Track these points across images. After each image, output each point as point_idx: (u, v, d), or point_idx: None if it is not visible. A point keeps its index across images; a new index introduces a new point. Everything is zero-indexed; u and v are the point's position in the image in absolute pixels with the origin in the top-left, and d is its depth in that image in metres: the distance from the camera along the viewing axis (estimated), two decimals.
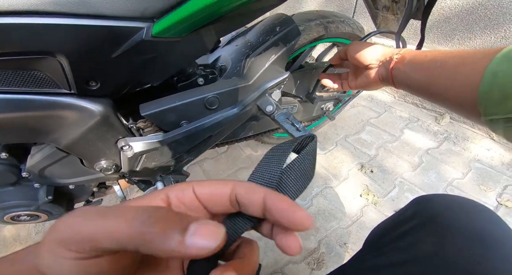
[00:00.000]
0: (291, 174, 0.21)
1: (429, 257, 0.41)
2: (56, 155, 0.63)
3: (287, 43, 0.77)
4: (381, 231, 0.56)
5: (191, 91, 0.70)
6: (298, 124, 0.56)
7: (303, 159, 0.21)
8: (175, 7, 0.47)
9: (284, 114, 0.65)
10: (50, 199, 0.74)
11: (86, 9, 0.43)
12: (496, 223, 0.42)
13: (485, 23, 1.22)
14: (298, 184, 0.21)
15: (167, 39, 0.53)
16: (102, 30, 0.45)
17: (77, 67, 0.49)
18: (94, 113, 0.56)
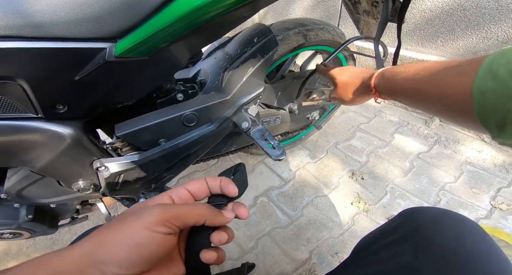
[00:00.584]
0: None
1: (407, 268, 0.40)
2: (32, 177, 0.63)
3: (265, 54, 0.76)
4: (368, 241, 0.56)
5: (168, 109, 0.69)
6: (273, 141, 0.56)
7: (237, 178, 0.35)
8: (136, 27, 0.47)
9: (259, 130, 0.64)
10: (30, 218, 0.73)
11: (40, 31, 0.42)
12: (480, 240, 0.41)
13: (466, 24, 1.22)
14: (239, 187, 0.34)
15: (133, 59, 0.52)
16: (60, 52, 0.45)
17: (39, 91, 0.48)
18: (64, 136, 0.55)
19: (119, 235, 0.26)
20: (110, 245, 0.25)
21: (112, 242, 0.26)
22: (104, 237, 0.26)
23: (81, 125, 0.57)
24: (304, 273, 0.93)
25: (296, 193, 1.20)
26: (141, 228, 0.26)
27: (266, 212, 1.13)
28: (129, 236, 0.25)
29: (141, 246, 0.25)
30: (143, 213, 0.27)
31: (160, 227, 0.26)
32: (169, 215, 0.26)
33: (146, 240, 0.25)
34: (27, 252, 1.04)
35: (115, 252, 0.25)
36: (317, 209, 1.13)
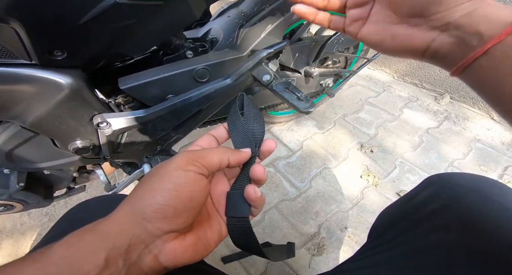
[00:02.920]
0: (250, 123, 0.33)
1: (454, 246, 0.35)
2: (23, 134, 0.55)
3: (285, 12, 0.70)
4: (391, 217, 0.50)
5: (178, 63, 0.63)
6: (299, 93, 0.49)
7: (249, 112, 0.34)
8: None
9: (283, 83, 0.58)
10: (22, 186, 0.67)
11: None
12: None
13: None
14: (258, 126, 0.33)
15: (147, 3, 0.46)
16: None
17: (36, 36, 0.41)
18: (62, 86, 0.48)
19: (155, 183, 0.26)
20: (148, 196, 0.25)
21: (149, 192, 0.25)
22: (141, 191, 0.26)
23: (82, 75, 0.50)
24: (313, 247, 0.91)
25: (304, 164, 1.15)
26: (173, 170, 0.26)
27: (273, 183, 1.08)
28: (165, 180, 0.26)
29: (178, 187, 0.25)
30: (170, 161, 0.27)
31: (190, 166, 0.26)
32: (195, 155, 0.27)
33: (182, 179, 0.26)
34: (22, 229, 0.98)
35: (154, 200, 0.25)
36: (325, 181, 1.09)
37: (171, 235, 0.26)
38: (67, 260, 0.22)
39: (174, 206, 0.25)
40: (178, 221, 0.25)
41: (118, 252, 0.23)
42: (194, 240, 0.28)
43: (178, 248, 0.26)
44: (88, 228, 0.24)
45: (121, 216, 0.25)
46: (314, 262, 0.87)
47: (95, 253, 0.22)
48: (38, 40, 0.42)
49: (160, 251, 0.25)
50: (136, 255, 0.24)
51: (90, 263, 0.22)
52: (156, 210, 0.24)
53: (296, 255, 0.88)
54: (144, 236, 0.25)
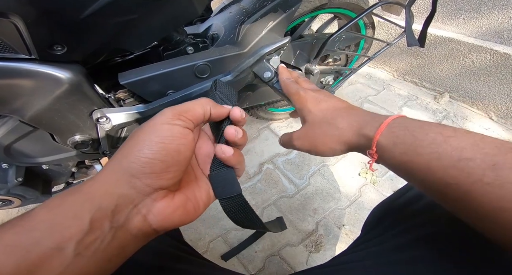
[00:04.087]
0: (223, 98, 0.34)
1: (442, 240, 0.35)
2: (22, 128, 0.55)
3: (287, 9, 0.70)
4: (383, 212, 0.50)
5: (179, 59, 0.63)
6: None
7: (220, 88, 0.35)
8: None
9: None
10: (20, 181, 0.66)
11: None
12: None
13: (494, 3, 1.15)
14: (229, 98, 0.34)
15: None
16: None
17: (36, 31, 0.41)
18: (61, 80, 0.47)
19: (141, 138, 0.25)
20: (135, 150, 0.24)
21: (136, 146, 0.24)
22: (127, 147, 0.25)
23: (81, 70, 0.50)
24: (311, 244, 0.91)
25: (303, 161, 1.15)
26: (159, 124, 0.25)
27: (272, 180, 1.09)
28: (151, 134, 0.25)
29: (165, 140, 0.25)
30: (155, 117, 0.26)
31: (176, 120, 0.26)
32: (179, 110, 0.27)
33: (168, 132, 0.25)
34: None
35: (141, 153, 0.24)
36: (324, 179, 1.09)
37: (160, 193, 0.25)
38: (48, 223, 0.20)
39: (162, 159, 0.24)
40: (166, 176, 0.25)
41: (104, 213, 0.22)
42: (183, 200, 0.27)
43: (168, 208, 0.25)
44: (72, 190, 0.23)
45: (107, 174, 0.24)
46: (311, 258, 0.88)
47: (79, 215, 0.21)
48: (38, 35, 0.42)
49: (149, 210, 0.24)
50: (124, 217, 0.23)
51: (73, 227, 0.20)
52: (144, 165, 0.23)
53: (294, 252, 0.89)
54: (132, 195, 0.23)
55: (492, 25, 1.20)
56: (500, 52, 1.15)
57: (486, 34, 1.23)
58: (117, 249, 0.23)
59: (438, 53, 1.36)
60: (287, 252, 0.89)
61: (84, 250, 0.20)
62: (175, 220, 0.26)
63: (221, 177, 0.30)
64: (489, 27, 1.21)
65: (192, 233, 0.94)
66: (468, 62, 1.28)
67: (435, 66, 1.41)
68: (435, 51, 1.37)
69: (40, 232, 0.20)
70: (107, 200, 0.22)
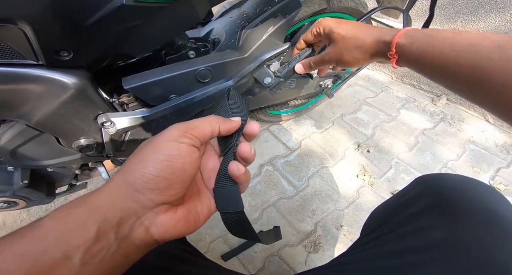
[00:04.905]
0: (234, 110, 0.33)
1: (441, 244, 0.36)
2: (28, 132, 0.56)
3: (287, 14, 0.71)
4: (381, 215, 0.52)
5: (181, 64, 0.64)
6: None
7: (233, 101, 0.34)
8: None
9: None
10: (26, 183, 0.68)
11: None
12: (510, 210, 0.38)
13: (491, 6, 1.17)
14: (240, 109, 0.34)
15: (152, 5, 0.47)
16: None
17: (43, 37, 0.42)
18: (67, 86, 0.49)
19: (147, 154, 0.25)
20: (140, 166, 0.25)
21: (141, 163, 0.25)
22: (132, 162, 0.25)
23: (87, 75, 0.51)
24: (309, 245, 0.93)
25: (302, 163, 1.17)
26: (166, 141, 0.26)
27: (271, 182, 1.10)
28: (157, 151, 0.25)
29: (171, 158, 0.25)
30: (163, 133, 0.27)
31: (183, 138, 0.26)
32: (187, 127, 0.27)
33: (175, 151, 0.25)
34: (21, 226, 0.99)
35: (146, 170, 0.24)
36: (322, 180, 1.11)
37: (163, 207, 0.26)
38: (56, 233, 0.21)
39: (166, 177, 0.25)
40: (170, 193, 0.25)
41: (110, 225, 0.23)
42: (185, 213, 0.28)
43: (170, 221, 0.26)
44: (78, 201, 0.24)
45: (112, 187, 0.25)
46: (310, 259, 0.90)
47: (85, 226, 0.22)
48: (45, 41, 0.43)
49: (151, 223, 0.25)
50: (128, 228, 0.24)
51: (80, 237, 0.21)
52: (148, 181, 0.24)
53: (293, 253, 0.91)
54: (136, 208, 0.24)
55: (489, 28, 1.22)
56: None
57: None
58: (121, 259, 0.24)
59: None
60: (286, 252, 0.91)
61: (90, 259, 0.21)
62: (176, 232, 0.27)
63: (226, 193, 0.31)
64: (487, 30, 1.23)
65: (193, 234, 0.95)
66: None
67: None
68: None
69: (48, 241, 0.20)
70: (112, 212, 0.23)
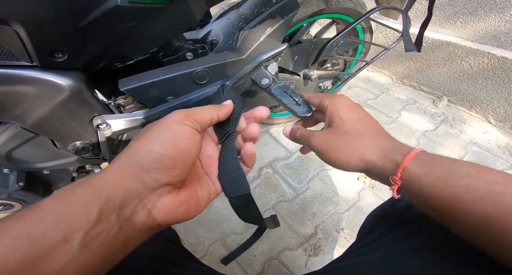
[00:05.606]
0: None
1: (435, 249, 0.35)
2: (23, 135, 0.56)
3: (285, 15, 0.71)
4: (377, 218, 0.50)
5: (178, 65, 0.63)
6: (297, 97, 0.50)
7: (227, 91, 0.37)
8: None
9: (281, 87, 0.58)
10: (21, 185, 0.67)
11: None
12: None
13: (490, 7, 1.16)
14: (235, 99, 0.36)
15: (148, 5, 0.47)
16: None
17: (37, 38, 0.42)
18: (62, 87, 0.48)
19: (153, 134, 0.26)
20: (146, 145, 0.25)
21: (147, 141, 0.26)
22: (139, 141, 0.26)
23: (82, 77, 0.50)
24: (310, 248, 0.91)
25: (302, 165, 1.16)
26: (171, 123, 0.27)
27: (271, 184, 1.09)
28: (163, 131, 0.26)
29: (176, 138, 0.26)
30: (166, 117, 0.28)
31: (186, 121, 0.27)
32: (189, 112, 0.29)
33: (179, 131, 0.27)
34: None
35: (153, 148, 0.25)
36: (322, 183, 1.10)
37: (166, 189, 0.26)
38: (56, 215, 0.20)
39: (171, 156, 0.25)
40: (173, 173, 0.26)
41: (112, 206, 0.22)
42: (186, 197, 0.28)
43: (172, 203, 0.27)
44: (81, 182, 0.23)
45: (117, 168, 0.25)
46: (310, 262, 0.88)
47: (87, 208, 0.21)
48: (39, 43, 0.43)
49: (154, 205, 0.25)
50: (130, 210, 0.24)
51: (81, 218, 0.21)
52: (154, 160, 0.25)
53: (293, 256, 0.89)
54: (140, 189, 0.24)
55: (489, 28, 1.21)
56: (498, 56, 1.16)
57: (483, 37, 1.24)
58: (122, 242, 0.23)
59: (436, 57, 1.38)
60: (286, 256, 0.90)
61: (90, 242, 0.21)
62: (178, 215, 0.27)
63: (232, 178, 0.32)
64: (486, 31, 1.23)
65: (191, 237, 0.94)
66: (466, 66, 1.29)
67: (433, 70, 1.42)
68: (433, 55, 1.38)
69: (48, 223, 0.20)
70: (116, 193, 0.23)
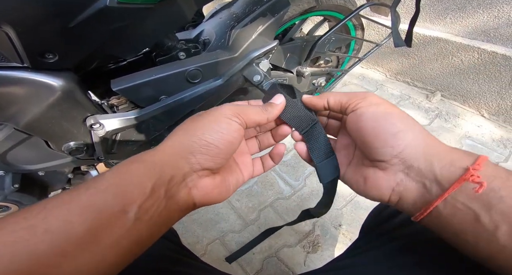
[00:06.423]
0: None
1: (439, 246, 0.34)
2: (17, 136, 0.56)
3: (275, 13, 0.72)
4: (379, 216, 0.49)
5: (171, 65, 0.64)
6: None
7: None
8: None
9: (273, 84, 0.59)
10: (16, 187, 0.67)
11: None
12: None
13: (478, 3, 1.18)
14: None
15: (137, 6, 0.47)
16: None
17: (27, 39, 0.42)
18: (54, 88, 0.48)
19: (205, 124, 0.29)
20: (198, 132, 0.28)
21: (199, 129, 0.28)
22: (190, 127, 0.29)
23: (74, 77, 0.51)
24: (308, 245, 0.92)
25: (298, 162, 1.16)
26: (222, 117, 0.29)
27: (268, 182, 1.09)
28: (214, 123, 0.29)
29: (225, 131, 0.28)
30: (217, 109, 0.30)
31: (235, 118, 0.30)
32: (238, 110, 0.30)
33: (228, 126, 0.29)
34: None
35: (203, 137, 0.28)
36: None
37: (205, 172, 0.29)
38: (116, 187, 0.23)
39: (218, 145, 0.28)
40: (216, 160, 0.29)
41: (163, 181, 0.25)
42: (221, 181, 0.31)
43: (209, 185, 0.29)
44: (135, 158, 0.26)
45: (168, 147, 0.28)
46: (309, 259, 0.88)
47: (143, 181, 0.24)
48: (29, 43, 0.43)
49: (194, 185, 0.28)
50: (176, 187, 0.26)
51: (137, 191, 0.23)
52: (203, 146, 0.27)
53: (291, 253, 0.90)
54: (185, 169, 0.27)
55: (478, 24, 1.23)
56: (488, 51, 1.17)
57: (473, 33, 1.25)
58: (166, 218, 0.26)
59: (428, 53, 1.39)
60: (285, 253, 0.90)
61: (143, 215, 0.23)
62: (212, 197, 0.30)
63: (328, 163, 0.35)
64: (476, 26, 1.24)
65: (190, 236, 0.94)
66: (457, 61, 1.30)
67: (425, 66, 1.44)
68: (425, 51, 1.39)
69: (109, 194, 0.22)
70: (166, 170, 0.25)
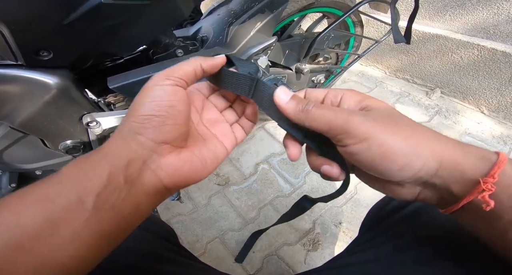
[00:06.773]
0: None
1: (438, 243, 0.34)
2: (13, 135, 0.55)
3: (274, 10, 0.71)
4: (379, 214, 0.49)
5: (167, 62, 0.63)
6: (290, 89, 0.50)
7: None
8: None
9: (272, 80, 0.58)
10: (14, 187, 0.66)
11: None
12: None
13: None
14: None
15: (132, 2, 0.46)
16: None
17: (20, 37, 0.42)
18: (49, 86, 0.48)
19: (138, 101, 0.28)
20: (133, 112, 0.28)
21: (133, 109, 0.28)
22: (128, 113, 0.28)
23: (69, 75, 0.50)
24: (308, 243, 0.91)
25: (298, 160, 1.15)
26: (151, 87, 0.28)
27: (267, 180, 1.09)
28: (145, 96, 0.28)
29: (156, 98, 0.27)
30: (147, 83, 0.29)
31: (165, 81, 0.28)
32: (168, 71, 0.29)
33: (160, 92, 0.28)
34: None
35: (139, 113, 0.27)
36: (319, 177, 1.08)
37: (165, 148, 0.28)
38: (71, 178, 0.23)
39: (156, 114, 0.27)
40: (164, 129, 0.27)
41: (119, 168, 0.25)
42: (189, 156, 0.30)
43: (174, 162, 0.28)
44: (92, 152, 0.26)
45: (117, 136, 0.28)
46: (309, 257, 0.88)
47: (98, 170, 0.24)
48: (23, 41, 0.42)
49: (157, 166, 0.27)
50: (136, 172, 0.26)
51: (93, 180, 0.23)
52: (143, 121, 0.27)
53: (291, 251, 0.89)
54: (139, 151, 0.26)
55: (477, 21, 1.22)
56: (487, 47, 1.17)
57: (473, 30, 1.25)
58: (132, 206, 0.25)
59: (427, 49, 1.38)
60: (285, 251, 0.89)
61: (102, 204, 0.23)
62: (183, 174, 0.29)
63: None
64: (475, 23, 1.24)
65: (189, 235, 0.94)
66: (457, 58, 1.30)
67: (425, 63, 1.43)
68: (424, 48, 1.39)
69: (64, 185, 0.22)
70: (120, 156, 0.25)
